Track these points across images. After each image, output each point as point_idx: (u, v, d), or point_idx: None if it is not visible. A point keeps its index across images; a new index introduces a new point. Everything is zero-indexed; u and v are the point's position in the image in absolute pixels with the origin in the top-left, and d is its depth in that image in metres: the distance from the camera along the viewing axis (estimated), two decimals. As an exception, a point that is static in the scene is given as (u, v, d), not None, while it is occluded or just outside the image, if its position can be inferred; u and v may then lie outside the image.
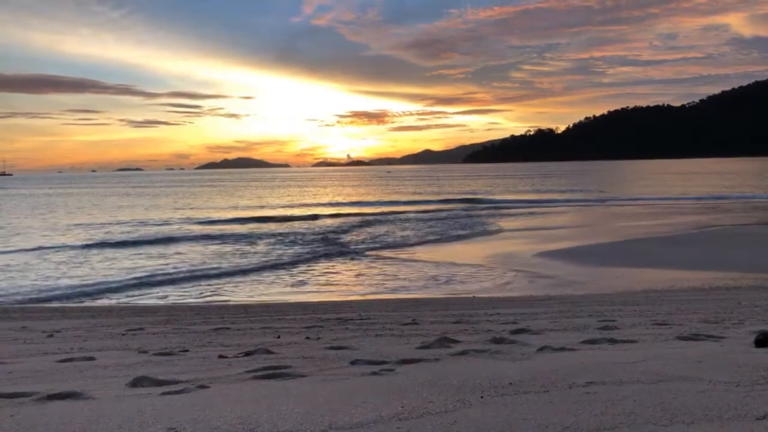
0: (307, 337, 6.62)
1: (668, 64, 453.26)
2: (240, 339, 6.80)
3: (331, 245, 22.95)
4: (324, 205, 47.84)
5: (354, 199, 54.46)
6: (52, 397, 3.41)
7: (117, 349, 6.13)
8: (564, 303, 10.42)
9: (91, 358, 5.32)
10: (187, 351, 5.76)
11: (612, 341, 5.26)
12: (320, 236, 26.07)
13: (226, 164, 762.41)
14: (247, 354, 5.29)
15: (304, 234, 27.07)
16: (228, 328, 7.94)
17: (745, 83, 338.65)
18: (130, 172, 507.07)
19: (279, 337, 6.87)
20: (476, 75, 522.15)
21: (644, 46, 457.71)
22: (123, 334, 7.59)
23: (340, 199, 55.91)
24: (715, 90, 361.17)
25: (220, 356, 5.23)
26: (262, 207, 47.42)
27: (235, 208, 46.77)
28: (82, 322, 9.22)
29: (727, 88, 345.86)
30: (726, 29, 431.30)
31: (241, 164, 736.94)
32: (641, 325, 6.73)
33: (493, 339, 5.61)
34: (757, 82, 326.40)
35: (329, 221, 33.64)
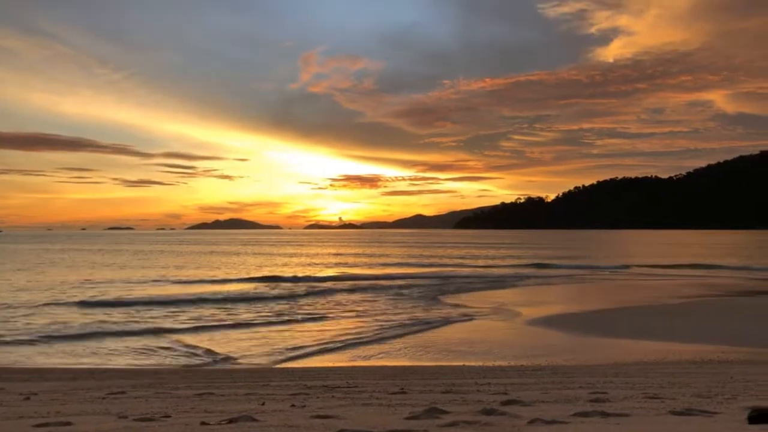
0: (293, 405, 6.46)
1: (656, 137, 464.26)
2: (224, 405, 6.63)
3: (448, 307, 23.76)
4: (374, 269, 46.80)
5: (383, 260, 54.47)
6: (25, 465, 3.28)
7: (96, 414, 5.94)
8: (555, 373, 10.27)
9: (68, 423, 5.15)
10: (169, 416, 5.59)
11: (604, 414, 5.16)
12: (429, 296, 27.93)
13: (217, 225, 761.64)
14: (231, 421, 5.14)
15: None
16: (212, 393, 7.74)
17: (730, 157, 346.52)
18: (121, 231, 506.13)
19: (264, 403, 6.70)
20: (468, 143, 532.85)
21: (632, 119, 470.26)
22: (103, 398, 7.38)
23: (378, 260, 56.86)
24: (702, 163, 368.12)
25: (203, 423, 5.08)
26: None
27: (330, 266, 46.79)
28: (61, 385, 8.97)
29: (713, 162, 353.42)
30: (710, 105, 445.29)
31: (232, 225, 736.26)
32: (633, 398, 6.62)
33: (484, 410, 5.50)
34: (741, 157, 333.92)
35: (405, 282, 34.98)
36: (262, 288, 30.54)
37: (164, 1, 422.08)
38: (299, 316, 20.75)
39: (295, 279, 36.27)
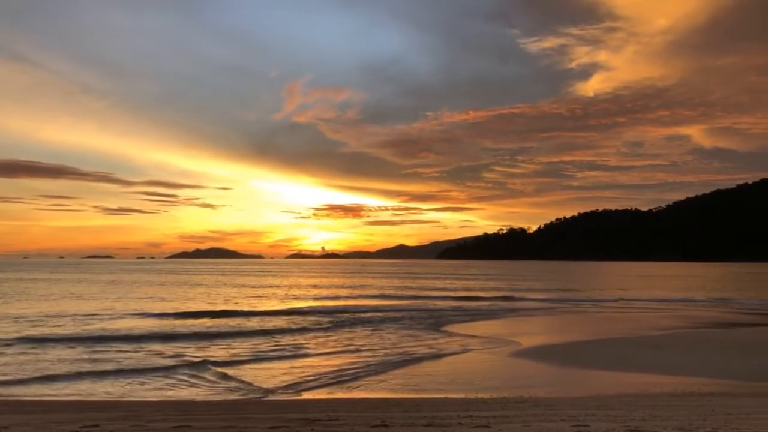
0: (272, 438, 6.34)
1: (636, 170, 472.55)
2: (201, 439, 6.48)
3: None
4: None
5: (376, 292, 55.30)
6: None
7: (68, 448, 5.78)
8: (537, 405, 10.22)
9: (40, 458, 5.01)
10: (143, 451, 5.46)
11: (586, 448, 5.14)
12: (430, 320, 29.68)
13: (198, 254, 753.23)
14: (208, 455, 5.03)
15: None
16: (189, 426, 7.58)
17: (708, 191, 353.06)
18: (100, 260, 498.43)
19: (242, 437, 6.57)
20: (451, 174, 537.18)
21: (612, 153, 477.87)
22: (77, 431, 7.19)
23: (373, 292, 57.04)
24: (680, 196, 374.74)
25: (179, 457, 4.96)
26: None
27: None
28: (33, 418, 8.73)
29: (691, 195, 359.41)
30: (688, 140, 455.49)
31: (213, 254, 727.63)
32: (615, 431, 6.60)
33: (465, 443, 5.44)
34: (719, 190, 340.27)
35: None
36: (240, 321, 29.68)
37: (148, 29, 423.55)
38: (280, 350, 20.41)
39: (275, 312, 35.34)
